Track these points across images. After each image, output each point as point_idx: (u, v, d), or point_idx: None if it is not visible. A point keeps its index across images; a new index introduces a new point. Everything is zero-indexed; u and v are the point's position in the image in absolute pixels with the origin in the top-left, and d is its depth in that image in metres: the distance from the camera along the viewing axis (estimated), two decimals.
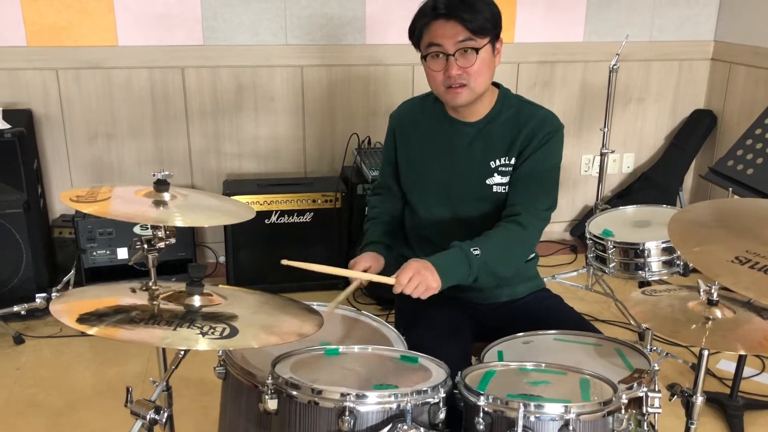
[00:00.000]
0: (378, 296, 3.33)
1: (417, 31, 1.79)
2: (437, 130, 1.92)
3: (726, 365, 2.82)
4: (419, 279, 1.63)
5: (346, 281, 1.79)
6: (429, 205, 1.94)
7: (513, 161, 1.85)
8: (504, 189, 1.86)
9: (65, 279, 3.24)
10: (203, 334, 1.30)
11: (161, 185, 1.57)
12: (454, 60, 1.74)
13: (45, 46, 3.26)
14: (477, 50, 1.74)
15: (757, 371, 2.81)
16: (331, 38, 3.49)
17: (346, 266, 1.80)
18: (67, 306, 1.41)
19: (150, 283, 1.53)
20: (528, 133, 1.83)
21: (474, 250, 1.71)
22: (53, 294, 3.07)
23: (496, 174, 1.86)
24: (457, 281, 1.70)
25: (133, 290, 1.52)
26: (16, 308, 2.95)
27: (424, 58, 1.80)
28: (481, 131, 1.87)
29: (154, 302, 1.44)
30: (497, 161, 1.86)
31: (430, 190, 1.93)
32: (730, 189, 2.49)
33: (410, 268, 1.64)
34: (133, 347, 2.90)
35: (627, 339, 1.72)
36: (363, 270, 1.79)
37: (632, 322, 3.17)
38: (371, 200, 2.10)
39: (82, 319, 1.33)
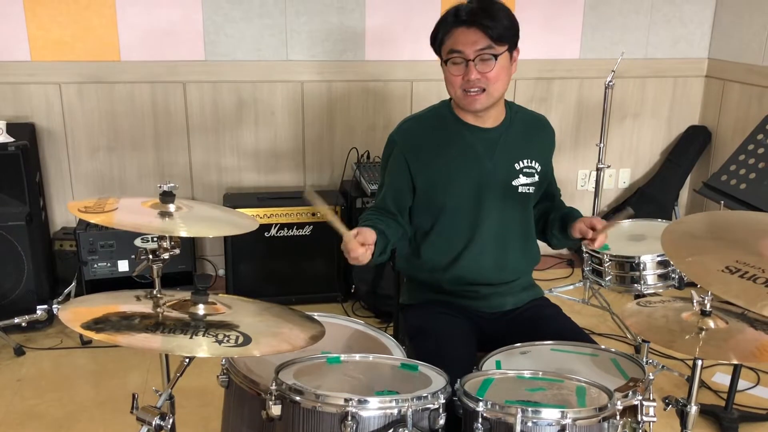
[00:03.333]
0: (376, 309, 3.35)
1: (439, 37, 1.86)
2: (458, 139, 1.93)
3: (721, 378, 2.84)
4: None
5: (345, 295, 1.79)
6: (455, 216, 1.93)
7: (535, 163, 1.97)
8: (528, 189, 1.97)
9: (66, 291, 3.26)
10: (219, 342, 1.34)
11: (167, 197, 1.61)
12: (474, 65, 1.80)
13: (48, 61, 3.31)
14: (496, 56, 1.81)
15: (752, 384, 2.84)
16: (331, 54, 3.54)
17: (345, 279, 1.80)
18: (75, 314, 1.43)
19: (155, 292, 1.56)
20: (543, 133, 2.05)
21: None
22: (54, 306, 3.09)
23: (521, 175, 1.95)
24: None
25: (138, 298, 1.54)
26: (17, 320, 2.98)
27: (444, 62, 1.86)
28: (503, 135, 1.95)
29: (159, 309, 1.47)
30: (521, 162, 1.96)
31: (459, 201, 1.93)
32: (722, 202, 2.52)
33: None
34: (134, 359, 2.92)
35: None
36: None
37: (628, 335, 3.20)
38: (364, 214, 1.97)
39: (96, 327, 1.37)
